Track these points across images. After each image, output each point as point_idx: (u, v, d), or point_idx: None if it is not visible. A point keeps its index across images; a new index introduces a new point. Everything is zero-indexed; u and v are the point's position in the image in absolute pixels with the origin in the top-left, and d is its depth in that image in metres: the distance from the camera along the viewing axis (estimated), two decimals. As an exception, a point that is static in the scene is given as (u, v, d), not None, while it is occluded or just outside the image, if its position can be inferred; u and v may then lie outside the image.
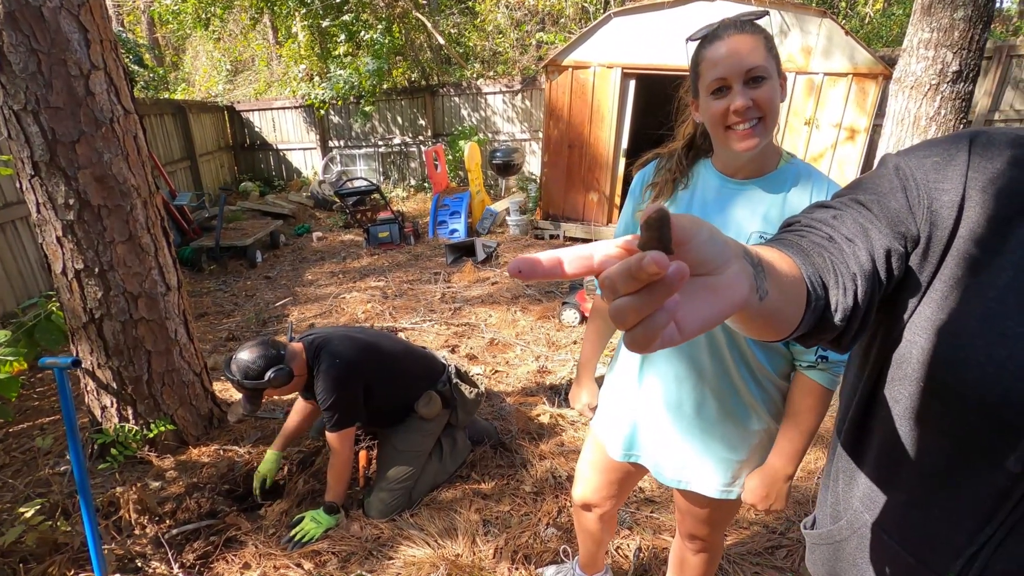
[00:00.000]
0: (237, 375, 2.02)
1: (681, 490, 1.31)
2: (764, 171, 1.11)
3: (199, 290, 5.36)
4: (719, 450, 1.21)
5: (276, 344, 2.10)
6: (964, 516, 0.57)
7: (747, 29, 1.02)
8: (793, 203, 1.08)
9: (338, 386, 2.08)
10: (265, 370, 2.02)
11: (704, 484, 1.25)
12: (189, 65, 13.72)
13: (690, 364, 1.18)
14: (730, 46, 1.00)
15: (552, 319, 4.27)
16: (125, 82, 2.29)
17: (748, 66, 0.99)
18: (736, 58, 0.99)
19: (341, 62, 8.46)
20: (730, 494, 1.24)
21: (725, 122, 1.03)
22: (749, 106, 0.99)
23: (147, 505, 2.17)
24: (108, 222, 2.25)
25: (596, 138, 6.08)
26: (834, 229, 0.58)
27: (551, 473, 2.50)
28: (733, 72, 0.99)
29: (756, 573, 1.96)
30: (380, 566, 2.00)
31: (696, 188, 1.19)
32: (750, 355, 1.14)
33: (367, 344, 2.25)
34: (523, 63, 9.80)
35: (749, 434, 1.20)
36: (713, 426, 1.20)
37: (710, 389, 1.18)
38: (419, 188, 9.33)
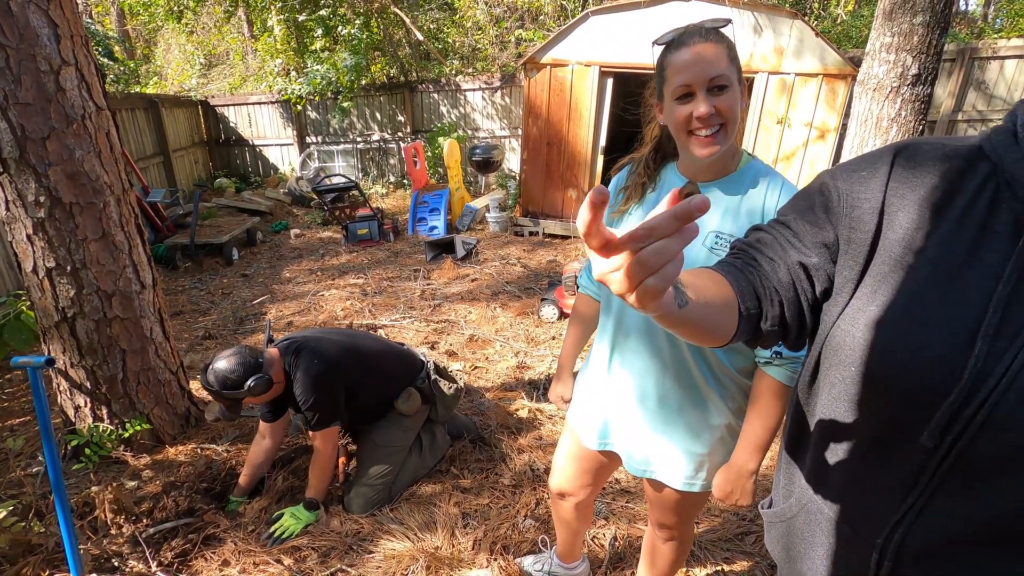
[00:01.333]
0: (215, 385, 1.98)
1: (649, 480, 1.37)
2: (725, 173, 1.16)
3: (174, 288, 5.28)
4: (682, 442, 1.26)
5: (254, 352, 2.07)
6: (890, 489, 0.63)
7: (711, 37, 1.05)
8: (751, 203, 1.14)
9: (318, 385, 2.08)
10: (244, 379, 1.98)
11: (669, 475, 1.30)
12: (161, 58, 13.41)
13: (653, 358, 1.23)
14: (695, 54, 1.03)
15: (531, 315, 4.31)
16: (97, 78, 2.26)
17: (712, 74, 1.03)
18: (700, 66, 1.03)
19: (318, 57, 8.37)
20: (694, 486, 1.29)
21: (688, 127, 1.08)
22: (712, 113, 1.04)
23: (123, 505, 2.16)
24: (80, 219, 2.22)
25: (574, 136, 6.14)
26: (760, 252, 0.70)
27: (529, 466, 2.54)
28: (697, 80, 1.03)
29: (726, 558, 2.04)
30: (360, 560, 2.02)
31: (662, 191, 1.24)
32: (708, 352, 1.19)
33: (346, 346, 2.26)
34: (502, 60, 9.81)
35: (710, 428, 1.25)
36: (675, 418, 1.25)
37: (671, 383, 1.23)
38: (399, 185, 9.29)
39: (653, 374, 1.24)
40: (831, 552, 0.70)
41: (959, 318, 0.56)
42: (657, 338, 1.21)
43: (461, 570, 1.97)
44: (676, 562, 1.56)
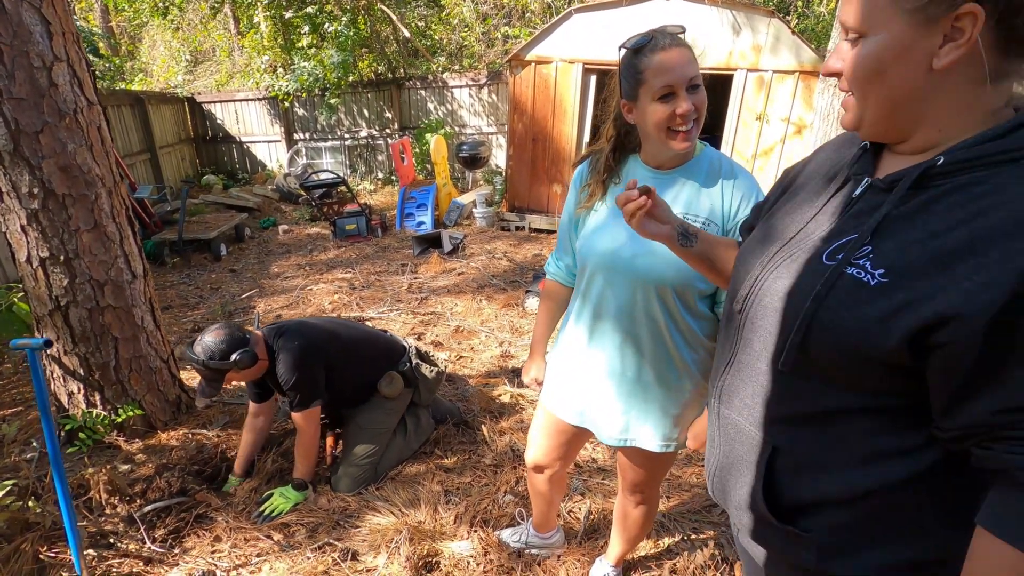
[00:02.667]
0: (201, 356, 2.06)
1: (621, 448, 1.48)
2: (686, 160, 1.29)
3: (162, 283, 5.33)
4: (658, 409, 1.38)
5: (240, 328, 2.17)
6: (723, 353, 0.92)
7: (681, 42, 1.17)
8: (711, 186, 1.26)
9: (299, 365, 2.17)
10: (229, 352, 2.07)
11: (647, 440, 1.41)
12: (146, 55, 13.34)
13: (630, 336, 1.34)
14: (674, 57, 1.15)
15: (516, 307, 4.42)
16: (88, 74, 2.33)
17: (691, 75, 1.16)
18: (681, 68, 1.15)
19: (305, 54, 8.39)
20: (669, 447, 1.41)
21: (669, 124, 1.20)
22: (692, 109, 1.18)
23: (117, 486, 2.24)
24: (73, 211, 2.29)
25: (559, 132, 6.24)
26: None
27: (510, 447, 2.65)
28: (679, 81, 1.16)
29: (694, 528, 2.16)
30: (347, 534, 2.12)
31: (626, 183, 1.34)
32: (682, 323, 1.30)
33: (328, 329, 2.37)
34: (489, 58, 9.89)
35: (682, 391, 1.37)
36: (652, 389, 1.37)
37: (648, 357, 1.34)
38: (386, 181, 9.35)
39: (630, 351, 1.35)
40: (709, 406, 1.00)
41: (763, 252, 0.86)
42: (635, 317, 1.32)
43: (443, 541, 2.07)
44: (645, 525, 1.68)
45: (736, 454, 0.87)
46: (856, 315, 0.67)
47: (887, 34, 0.65)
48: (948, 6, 0.60)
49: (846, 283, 0.69)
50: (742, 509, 0.87)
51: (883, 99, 0.69)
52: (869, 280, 0.67)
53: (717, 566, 1.95)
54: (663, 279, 1.25)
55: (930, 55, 0.63)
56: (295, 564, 1.99)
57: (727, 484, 0.90)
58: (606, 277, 1.33)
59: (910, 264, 0.65)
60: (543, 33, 5.93)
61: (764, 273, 0.81)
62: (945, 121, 0.67)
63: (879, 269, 0.67)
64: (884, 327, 0.65)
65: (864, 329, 0.67)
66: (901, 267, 0.66)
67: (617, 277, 1.31)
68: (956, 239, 0.63)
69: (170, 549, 2.07)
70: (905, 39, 0.64)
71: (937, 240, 0.64)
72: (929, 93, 0.66)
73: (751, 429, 0.83)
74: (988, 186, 0.63)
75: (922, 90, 0.66)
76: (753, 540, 0.87)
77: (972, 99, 0.65)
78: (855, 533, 0.76)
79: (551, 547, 2.03)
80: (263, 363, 2.20)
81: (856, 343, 0.68)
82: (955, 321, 0.60)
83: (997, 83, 0.63)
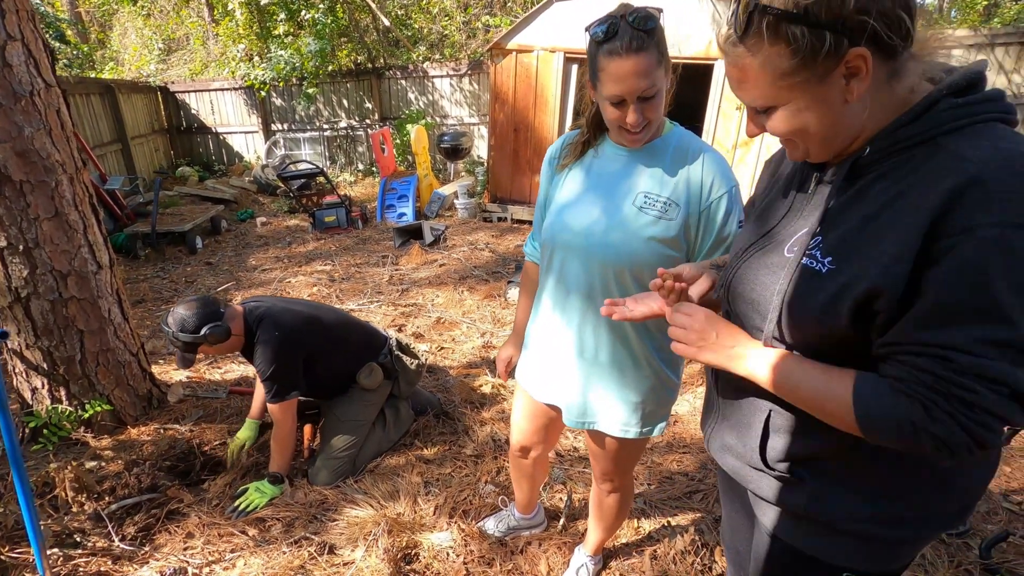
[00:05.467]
0: (173, 327, 2.07)
1: (589, 432, 1.46)
2: (651, 139, 1.26)
3: (135, 277, 5.19)
4: (617, 392, 1.36)
5: (216, 302, 2.15)
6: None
7: (643, 47, 1.07)
8: (678, 166, 1.23)
9: (277, 357, 2.12)
10: (201, 325, 2.06)
11: (607, 424, 1.40)
12: (117, 43, 12.93)
13: (590, 313, 1.32)
14: (628, 68, 1.08)
15: (498, 298, 4.38)
16: (45, 54, 2.23)
17: (643, 88, 1.11)
18: (632, 81, 1.09)
19: (282, 42, 8.20)
20: (629, 433, 1.39)
21: (619, 124, 1.19)
22: (640, 121, 1.16)
23: (84, 483, 2.16)
24: (32, 198, 2.20)
25: (541, 122, 6.20)
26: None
27: (491, 437, 2.63)
28: (630, 94, 1.12)
29: (674, 514, 2.16)
30: (324, 528, 2.08)
31: (600, 155, 1.33)
32: None
33: (308, 316, 2.30)
34: (470, 47, 9.78)
35: (642, 377, 1.35)
36: (611, 370, 1.35)
37: (606, 336, 1.33)
38: (367, 173, 9.22)
39: (590, 328, 1.33)
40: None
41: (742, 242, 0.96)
42: (594, 295, 1.30)
43: (423, 533, 2.04)
44: (620, 512, 1.67)
45: (735, 415, 0.95)
46: (813, 303, 0.75)
47: (794, 103, 0.73)
48: (835, 60, 0.67)
49: (803, 274, 0.77)
50: (739, 462, 0.96)
51: (817, 141, 0.76)
52: (821, 269, 0.75)
53: (697, 551, 1.95)
54: (620, 260, 1.24)
55: (842, 95, 0.70)
56: (270, 559, 1.94)
57: (726, 441, 0.98)
58: (568, 254, 1.32)
59: (850, 248, 0.73)
60: (524, 21, 5.87)
61: (739, 264, 0.90)
62: (870, 121, 0.74)
63: (828, 257, 0.75)
64: (835, 309, 0.73)
65: (822, 314, 0.74)
66: (843, 252, 0.74)
67: (579, 255, 1.29)
68: (881, 220, 0.71)
69: (140, 547, 2.00)
70: (814, 99, 0.72)
71: (870, 223, 0.72)
72: (853, 117, 0.73)
73: (747, 395, 0.91)
74: (907, 168, 0.71)
75: (846, 118, 0.73)
76: (751, 491, 0.97)
77: (885, 97, 0.72)
78: (843, 483, 0.84)
79: (538, 526, 2.05)
80: (237, 338, 2.16)
81: (818, 328, 0.76)
82: (881, 293, 0.69)
83: (897, 77, 0.71)
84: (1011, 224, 0.62)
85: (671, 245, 1.22)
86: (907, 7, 0.67)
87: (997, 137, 0.67)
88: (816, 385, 0.76)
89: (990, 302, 0.63)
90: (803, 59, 0.68)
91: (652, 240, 1.21)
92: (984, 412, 0.65)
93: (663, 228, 1.21)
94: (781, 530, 0.93)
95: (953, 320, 0.65)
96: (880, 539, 0.84)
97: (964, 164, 0.65)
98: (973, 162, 0.65)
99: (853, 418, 0.72)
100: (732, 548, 1.21)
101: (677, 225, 1.21)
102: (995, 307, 0.63)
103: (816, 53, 0.67)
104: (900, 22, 0.67)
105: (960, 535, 1.98)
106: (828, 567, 0.89)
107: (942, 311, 0.66)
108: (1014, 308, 0.62)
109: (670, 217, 1.21)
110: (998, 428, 0.66)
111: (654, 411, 1.37)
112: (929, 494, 0.82)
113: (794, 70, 0.69)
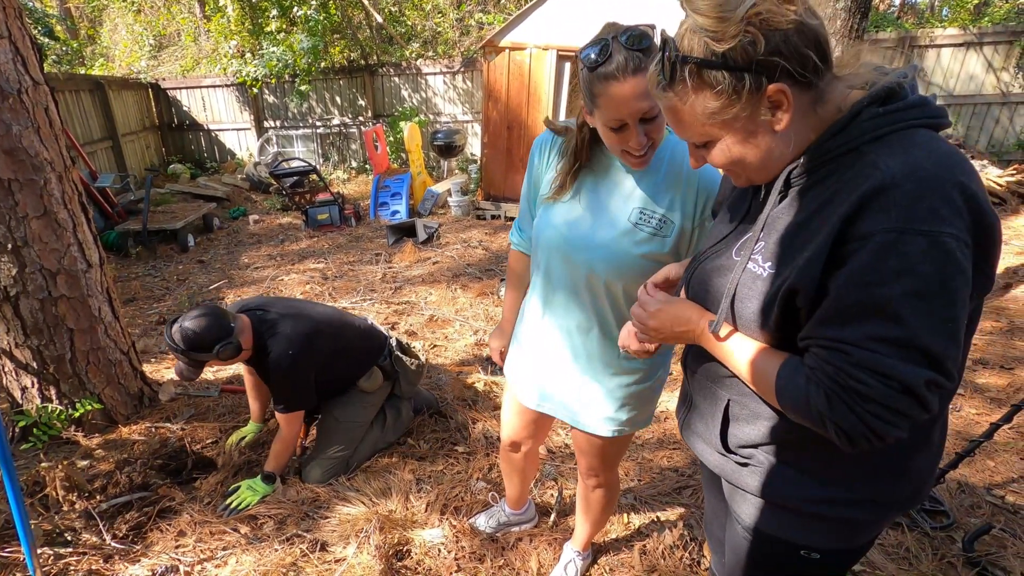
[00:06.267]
0: (182, 345, 1.94)
1: (574, 429, 1.48)
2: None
3: (127, 275, 5.16)
4: (603, 392, 1.37)
5: (225, 314, 2.03)
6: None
7: (640, 67, 1.02)
8: (670, 179, 1.22)
9: (290, 377, 2.09)
10: (213, 344, 1.95)
11: (593, 424, 1.41)
12: (107, 39, 12.83)
13: (577, 312, 1.33)
14: (627, 91, 1.03)
15: (491, 296, 4.39)
16: (33, 52, 2.21)
17: (644, 109, 1.05)
18: (633, 104, 1.04)
19: (274, 38, 8.16)
20: (613, 432, 1.40)
21: (622, 148, 1.14)
22: (645, 143, 1.11)
23: (75, 482, 2.16)
24: (20, 196, 2.18)
25: (534, 120, 6.20)
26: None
27: (483, 435, 2.64)
28: (631, 116, 1.06)
29: (663, 509, 2.18)
30: (316, 525, 2.09)
31: (600, 169, 1.28)
32: (624, 307, 1.29)
33: (316, 328, 2.20)
34: (464, 45, 9.76)
35: (628, 377, 1.36)
36: (597, 370, 1.36)
37: (595, 336, 1.33)
38: (360, 170, 9.20)
39: (579, 333, 1.34)
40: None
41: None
42: (580, 293, 1.31)
43: (414, 530, 2.05)
44: (607, 507, 1.69)
45: (703, 404, 1.02)
46: (755, 304, 0.81)
47: (728, 138, 0.78)
48: (757, 96, 0.72)
49: (747, 277, 0.83)
50: (707, 448, 1.02)
51: (755, 167, 0.81)
52: (762, 272, 0.81)
53: (686, 546, 1.97)
54: (609, 273, 1.24)
55: (769, 125, 0.75)
56: (262, 557, 1.94)
57: (696, 429, 1.05)
58: (557, 259, 1.31)
59: (783, 253, 0.78)
60: (517, 19, 5.86)
61: (697, 264, 0.96)
62: (803, 142, 0.78)
63: (768, 262, 0.80)
64: (771, 308, 0.79)
65: (762, 314, 0.81)
66: (778, 257, 0.79)
67: (569, 261, 1.29)
68: (810, 226, 0.75)
69: (132, 545, 2.01)
70: (744, 132, 0.76)
71: (800, 229, 0.77)
72: (783, 143, 0.77)
73: (711, 385, 0.98)
74: (835, 176, 0.75)
75: (778, 145, 0.78)
76: (718, 473, 1.02)
77: (813, 120, 0.77)
78: (797, 467, 0.89)
79: (529, 521, 2.07)
80: (246, 353, 2.10)
81: (759, 325, 0.82)
82: (798, 291, 0.75)
83: (821, 102, 0.76)
84: (906, 230, 0.65)
85: (662, 261, 1.21)
86: (816, 43, 0.72)
87: (912, 144, 0.71)
88: (753, 359, 0.83)
89: (883, 302, 0.67)
90: (728, 99, 0.73)
91: (644, 257, 1.21)
92: (877, 404, 0.69)
93: (657, 246, 1.21)
94: (745, 513, 0.98)
95: (851, 318, 0.70)
96: (835, 519, 0.89)
97: (874, 172, 0.69)
98: (881, 170, 0.69)
99: (774, 393, 0.79)
100: (713, 536, 1.26)
101: (671, 242, 1.21)
102: (887, 307, 0.67)
103: (739, 92, 0.72)
104: (807, 59, 0.71)
105: (944, 528, 2.01)
106: (788, 545, 0.95)
107: (842, 309, 0.71)
108: (905, 309, 0.67)
109: (664, 234, 1.20)
110: (893, 420, 0.70)
111: (639, 409, 1.39)
112: (879, 478, 0.86)
113: (721, 109, 0.74)
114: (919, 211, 0.66)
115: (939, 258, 0.65)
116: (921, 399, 0.69)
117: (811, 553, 0.93)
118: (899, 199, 0.66)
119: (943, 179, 0.67)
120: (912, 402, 0.69)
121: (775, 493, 0.91)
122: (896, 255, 0.66)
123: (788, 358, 0.80)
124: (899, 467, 0.86)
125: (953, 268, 0.66)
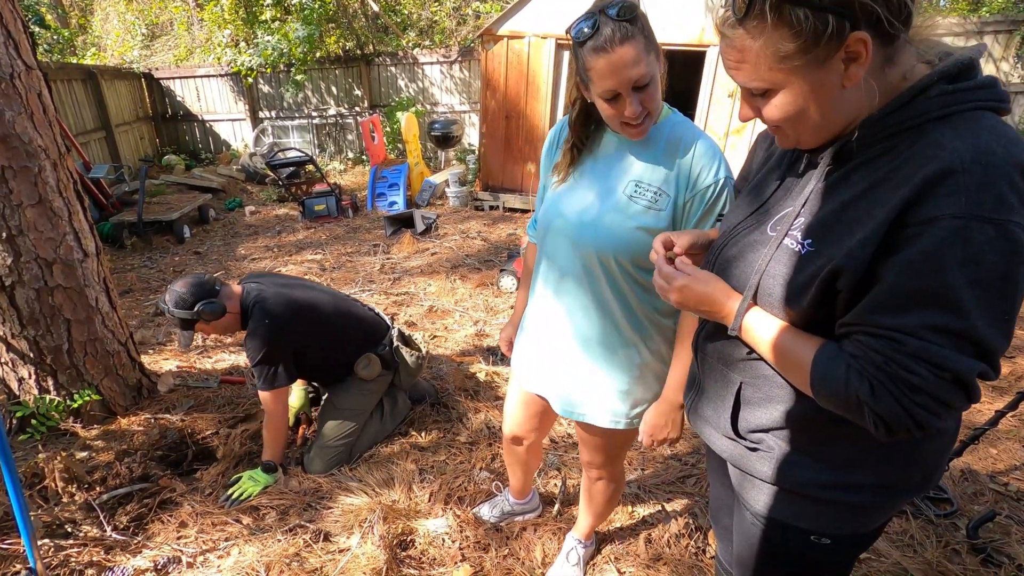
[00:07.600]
0: (168, 303, 2.09)
1: (578, 422, 1.46)
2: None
3: (122, 267, 5.11)
4: (605, 383, 1.35)
5: (212, 280, 2.16)
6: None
7: (629, 36, 1.04)
8: (666, 156, 1.21)
9: (265, 345, 2.10)
10: (196, 302, 2.09)
11: (595, 415, 1.39)
12: (99, 28, 12.64)
13: (581, 298, 1.31)
14: (617, 60, 1.05)
15: (491, 286, 4.37)
16: (25, 35, 2.17)
17: (635, 78, 1.07)
18: (624, 73, 1.06)
19: (269, 28, 8.05)
20: (618, 424, 1.38)
21: (619, 119, 1.15)
22: (640, 111, 1.12)
23: (74, 473, 2.14)
24: (14, 184, 2.14)
25: (532, 109, 6.15)
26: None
27: (486, 424, 2.63)
28: (623, 85, 1.08)
29: (668, 499, 2.17)
30: (318, 516, 2.07)
31: (598, 148, 1.29)
32: (629, 292, 1.27)
33: (302, 304, 2.25)
34: (461, 34, 9.67)
35: (630, 368, 1.33)
36: (600, 359, 1.34)
37: (597, 324, 1.31)
38: (357, 161, 9.13)
39: (581, 314, 1.32)
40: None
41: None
42: (582, 279, 1.29)
43: (418, 520, 2.04)
44: (610, 500, 1.68)
45: (712, 388, 1.00)
46: (789, 282, 0.78)
47: (793, 87, 0.71)
48: (836, 44, 0.66)
49: (783, 253, 0.80)
50: (715, 433, 1.00)
51: (811, 127, 0.75)
52: (800, 250, 0.78)
53: (691, 534, 1.96)
54: (607, 247, 1.23)
55: (839, 80, 0.70)
56: (265, 547, 1.93)
57: (704, 413, 1.03)
58: (559, 239, 1.31)
59: (827, 232, 0.75)
60: (515, 7, 5.80)
61: (728, 240, 0.93)
62: (863, 107, 0.74)
63: (808, 239, 0.77)
64: (807, 290, 0.76)
65: (795, 293, 0.77)
66: (820, 235, 0.76)
67: (569, 240, 1.28)
68: (859, 205, 0.72)
69: (133, 536, 1.99)
70: (812, 84, 0.70)
71: (848, 208, 0.73)
72: (848, 102, 0.72)
73: (724, 368, 0.96)
74: (892, 155, 0.71)
75: (843, 104, 0.72)
76: (727, 460, 1.01)
77: (879, 83, 0.71)
78: (807, 452, 0.88)
79: (532, 511, 2.07)
80: (233, 316, 2.16)
81: (788, 303, 0.79)
82: (842, 272, 0.71)
83: (892, 64, 0.71)
84: (974, 216, 0.62)
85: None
86: None
87: (980, 127, 0.67)
88: (784, 342, 0.80)
89: (944, 291, 0.64)
90: (804, 42, 0.67)
91: (640, 230, 1.20)
92: (926, 395, 0.67)
93: (652, 218, 1.20)
94: (754, 499, 0.97)
95: (908, 305, 0.67)
96: (846, 505, 0.88)
97: (940, 153, 0.66)
98: (948, 151, 0.65)
99: (808, 381, 0.76)
100: (720, 524, 1.24)
101: (666, 216, 1.20)
102: (949, 296, 0.64)
103: (818, 36, 0.66)
104: (903, 7, 0.65)
105: (948, 516, 2.02)
106: (798, 531, 0.93)
107: (899, 296, 0.68)
108: (967, 299, 0.64)
109: (660, 207, 1.20)
110: (939, 411, 0.68)
111: (643, 400, 1.36)
112: (891, 464, 0.85)
113: (794, 53, 0.68)
114: (987, 198, 0.63)
115: (1005, 248, 0.63)
116: (970, 391, 0.67)
117: (821, 538, 0.92)
118: (968, 184, 0.63)
119: (1012, 166, 0.64)
120: (961, 394, 0.67)
121: (785, 478, 0.90)
122: (963, 242, 0.63)
123: (824, 344, 0.77)
124: (912, 453, 0.85)
125: (1017, 259, 0.63)
